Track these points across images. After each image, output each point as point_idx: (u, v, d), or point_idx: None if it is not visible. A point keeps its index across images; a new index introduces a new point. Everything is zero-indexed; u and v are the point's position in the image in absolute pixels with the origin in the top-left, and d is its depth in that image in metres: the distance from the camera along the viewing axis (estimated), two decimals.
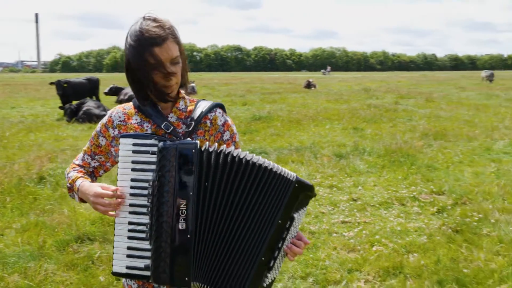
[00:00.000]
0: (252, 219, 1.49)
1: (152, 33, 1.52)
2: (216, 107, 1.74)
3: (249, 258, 1.49)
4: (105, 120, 1.73)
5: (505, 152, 8.45)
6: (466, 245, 4.14)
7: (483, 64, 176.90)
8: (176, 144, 1.45)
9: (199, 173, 1.45)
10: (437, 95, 21.94)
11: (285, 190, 1.50)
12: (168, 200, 1.43)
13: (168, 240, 1.43)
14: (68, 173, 1.75)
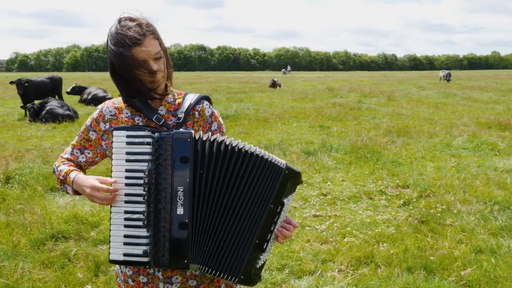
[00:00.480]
0: (246, 204, 1.57)
1: (130, 34, 1.56)
2: (203, 99, 1.82)
3: (244, 240, 1.58)
4: (96, 114, 1.76)
5: (464, 148, 8.87)
6: (431, 234, 4.37)
7: (440, 64, 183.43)
8: (172, 134, 1.52)
9: (194, 161, 1.52)
10: (398, 94, 22.64)
11: (276, 176, 1.60)
12: (166, 187, 1.49)
13: (167, 225, 1.49)
14: (58, 166, 1.78)
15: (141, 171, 1.57)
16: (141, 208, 1.58)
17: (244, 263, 1.58)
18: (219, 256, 1.57)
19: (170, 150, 1.50)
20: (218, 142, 1.55)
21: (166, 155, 1.50)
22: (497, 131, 10.54)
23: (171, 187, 1.50)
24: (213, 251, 1.56)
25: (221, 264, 1.57)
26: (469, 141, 9.37)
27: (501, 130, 10.72)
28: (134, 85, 1.63)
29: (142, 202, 1.57)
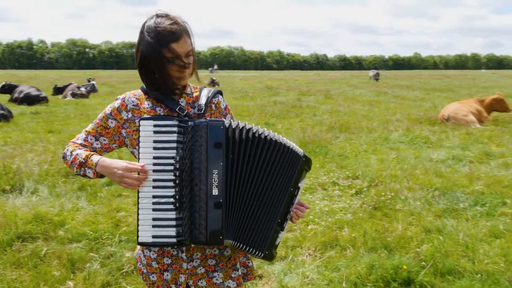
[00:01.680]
0: (271, 186, 1.76)
1: (169, 29, 1.71)
2: (218, 93, 1.99)
3: (269, 219, 1.77)
4: (118, 104, 1.87)
5: (400, 141, 9.57)
6: (385, 218, 4.79)
7: (368, 64, 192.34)
8: (207, 122, 1.67)
9: (226, 147, 1.69)
10: (334, 92, 23.62)
11: (296, 163, 1.81)
12: (202, 170, 1.65)
13: (203, 205, 1.64)
14: (72, 151, 1.84)
15: (170, 158, 1.71)
16: (169, 192, 1.71)
17: (269, 240, 1.78)
18: (248, 232, 1.74)
19: (205, 136, 1.66)
20: (246, 130, 1.73)
21: (202, 141, 1.65)
22: (427, 126, 11.43)
23: (206, 170, 1.65)
24: (243, 228, 1.73)
25: (250, 240, 1.74)
26: (405, 135, 10.12)
27: (431, 125, 11.64)
28: (162, 79, 1.76)
29: (171, 186, 1.71)
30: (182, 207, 1.68)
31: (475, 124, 11.52)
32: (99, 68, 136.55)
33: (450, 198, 5.47)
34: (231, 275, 1.93)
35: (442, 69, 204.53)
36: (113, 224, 4.60)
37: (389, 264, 3.58)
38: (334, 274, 3.62)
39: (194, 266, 1.86)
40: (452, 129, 10.73)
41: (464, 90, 27.38)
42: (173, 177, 1.71)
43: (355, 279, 3.49)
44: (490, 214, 4.95)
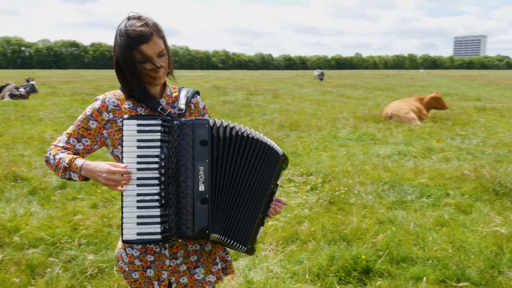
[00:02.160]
0: (254, 182, 1.84)
1: (138, 31, 1.73)
2: (196, 93, 2.05)
3: (252, 214, 1.85)
4: (98, 105, 1.87)
5: (349, 138, 9.95)
6: (341, 212, 5.01)
7: (311, 64, 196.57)
8: (193, 120, 1.73)
9: (211, 144, 1.75)
10: (282, 92, 24.03)
11: (276, 161, 1.90)
12: (189, 168, 1.70)
13: (191, 201, 1.69)
14: (55, 155, 1.83)
15: (154, 156, 1.75)
16: (154, 190, 1.75)
17: (251, 234, 1.86)
18: (233, 227, 1.81)
19: (191, 134, 1.71)
20: (230, 128, 1.80)
21: (188, 139, 1.70)
22: (373, 124, 11.95)
23: (193, 167, 1.70)
24: (229, 223, 1.80)
25: (235, 234, 1.81)
26: (352, 133, 10.53)
27: (376, 122, 12.18)
28: (134, 82, 1.79)
29: (155, 184, 1.75)
30: (169, 204, 1.72)
31: (416, 121, 12.18)
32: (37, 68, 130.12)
33: (399, 191, 5.80)
34: (211, 270, 1.99)
35: (382, 68, 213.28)
36: (71, 227, 4.48)
37: (349, 254, 3.76)
38: (297, 267, 3.76)
39: (177, 264, 1.90)
40: (396, 126, 11.28)
41: (403, 89, 28.74)
42: (157, 175, 1.75)
43: (318, 271, 3.65)
44: (435, 205, 5.31)
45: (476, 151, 8.42)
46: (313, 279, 3.58)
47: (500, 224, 4.62)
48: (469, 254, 3.91)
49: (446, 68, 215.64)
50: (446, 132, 10.48)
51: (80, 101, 17.72)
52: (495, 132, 10.79)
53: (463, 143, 9.21)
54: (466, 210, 5.12)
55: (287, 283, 3.52)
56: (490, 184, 5.82)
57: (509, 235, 4.34)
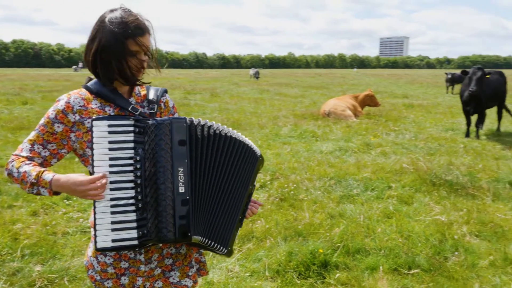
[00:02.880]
0: (233, 183, 1.80)
1: (136, 23, 1.69)
2: (165, 92, 1.98)
3: (232, 216, 1.81)
4: (62, 106, 1.74)
5: (290, 136, 10.12)
6: (292, 208, 5.08)
7: (246, 63, 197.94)
8: (171, 120, 1.66)
9: (190, 144, 1.69)
10: (219, 91, 23.96)
11: (254, 161, 1.88)
12: (168, 168, 1.63)
13: (171, 203, 1.63)
14: (19, 167, 1.68)
15: (127, 158, 1.66)
16: (129, 193, 1.67)
17: (231, 236, 1.82)
18: (214, 228, 1.75)
19: (169, 134, 1.64)
20: (208, 127, 1.75)
21: (166, 139, 1.63)
22: (312, 121, 12.26)
23: (172, 168, 1.64)
24: (210, 224, 1.74)
25: (216, 236, 1.76)
26: (294, 130, 10.72)
27: (315, 120, 12.50)
28: (122, 70, 1.70)
29: (130, 187, 1.66)
30: (146, 207, 1.64)
31: (352, 118, 12.66)
32: None
33: (345, 185, 5.99)
34: (187, 273, 1.93)
35: (314, 68, 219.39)
36: (11, 238, 4.17)
37: (306, 249, 3.83)
38: (256, 265, 3.76)
39: (152, 268, 1.83)
40: (334, 123, 11.65)
41: (336, 87, 29.76)
42: (132, 177, 1.66)
43: (277, 267, 3.67)
44: (380, 197, 5.54)
45: (409, 145, 8.90)
46: (273, 276, 3.60)
47: (440, 212, 4.92)
48: (416, 242, 4.13)
49: (373, 67, 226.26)
50: (381, 128, 10.98)
51: (5, 101, 16.53)
52: (424, 127, 11.48)
53: (397, 138, 9.70)
54: (408, 201, 5.39)
55: (247, 282, 3.51)
56: (427, 176, 6.18)
57: (448, 222, 4.64)
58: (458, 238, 4.23)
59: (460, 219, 4.74)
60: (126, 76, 1.73)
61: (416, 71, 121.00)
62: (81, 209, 5.05)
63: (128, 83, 1.77)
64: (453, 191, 5.66)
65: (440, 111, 15.09)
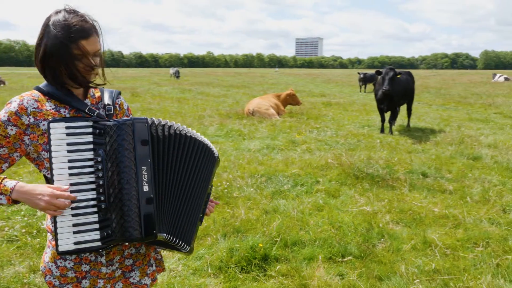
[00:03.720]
0: (194, 182, 1.84)
1: (79, 26, 1.65)
2: (119, 94, 1.97)
3: (193, 214, 1.85)
4: (15, 108, 1.67)
5: (217, 135, 10.20)
6: (228, 206, 5.17)
7: (164, 62, 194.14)
8: (132, 120, 1.67)
9: (152, 143, 1.71)
10: (140, 90, 23.35)
11: (213, 161, 1.94)
12: (132, 168, 1.64)
13: (136, 202, 1.64)
14: None
15: (87, 160, 1.65)
16: (90, 195, 1.66)
17: (194, 234, 1.87)
18: (178, 226, 1.78)
19: (132, 134, 1.65)
20: (168, 126, 1.78)
21: (129, 140, 1.64)
22: (237, 120, 12.43)
23: (135, 168, 1.65)
24: (173, 222, 1.77)
25: (180, 233, 1.79)
26: (220, 129, 10.82)
27: (240, 119, 12.69)
28: (71, 74, 1.68)
29: (90, 189, 1.66)
30: (110, 208, 1.64)
31: (275, 116, 13.04)
32: None
33: (275, 181, 6.20)
34: (146, 272, 1.95)
35: (233, 67, 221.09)
36: None
37: (247, 245, 3.94)
38: (198, 263, 3.80)
39: (113, 270, 1.83)
40: (259, 122, 11.92)
41: (257, 86, 30.33)
42: (93, 179, 1.66)
43: (219, 264, 3.75)
44: (309, 192, 5.82)
45: (331, 141, 9.39)
46: (216, 273, 3.67)
47: (365, 203, 5.29)
48: (346, 232, 4.42)
49: (290, 67, 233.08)
50: (304, 126, 11.44)
51: None
52: (343, 124, 12.14)
53: (320, 135, 10.17)
54: (335, 194, 5.72)
55: (191, 280, 3.55)
56: (350, 170, 6.59)
57: (373, 212, 5.01)
58: (383, 226, 4.60)
59: (383, 208, 5.14)
60: (76, 79, 1.71)
61: (330, 70, 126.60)
62: (3, 217, 4.73)
63: (81, 86, 1.74)
64: (374, 183, 6.10)
65: (355, 109, 16.03)
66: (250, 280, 3.55)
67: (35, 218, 4.72)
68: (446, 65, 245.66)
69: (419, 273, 3.62)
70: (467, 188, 5.95)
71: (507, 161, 7.53)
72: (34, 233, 4.31)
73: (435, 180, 6.32)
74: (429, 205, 5.27)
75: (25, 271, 3.58)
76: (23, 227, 4.43)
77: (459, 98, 20.49)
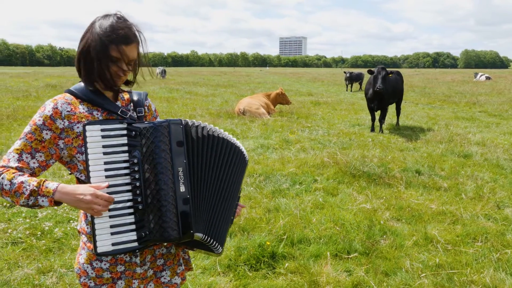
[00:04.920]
0: (228, 183, 1.87)
1: (123, 32, 1.70)
2: (147, 95, 2.01)
3: (227, 215, 1.88)
4: (49, 112, 1.69)
5: None
6: None
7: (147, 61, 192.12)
8: (168, 121, 1.70)
9: (187, 144, 1.75)
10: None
11: (244, 163, 1.97)
12: (169, 169, 1.67)
13: (173, 202, 1.67)
14: (12, 178, 1.59)
15: (122, 162, 1.68)
16: (126, 196, 1.69)
17: (226, 235, 1.91)
18: (212, 227, 1.81)
19: (168, 136, 1.69)
20: (201, 127, 1.81)
21: (166, 141, 1.68)
22: (228, 119, 12.45)
23: (172, 168, 1.69)
24: (208, 223, 1.79)
25: (216, 234, 1.82)
26: None
27: (231, 118, 12.72)
28: (102, 74, 1.71)
29: (126, 190, 1.69)
30: (147, 209, 1.67)
31: (266, 115, 13.10)
32: None
33: (273, 180, 6.26)
34: (176, 271, 1.99)
35: (217, 66, 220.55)
36: None
37: (254, 243, 3.99)
38: (206, 262, 3.84)
39: (145, 270, 1.86)
40: (250, 121, 11.96)
41: (243, 85, 30.34)
42: (128, 180, 1.69)
43: (228, 262, 3.79)
44: (308, 190, 5.90)
45: (324, 140, 9.49)
46: (225, 271, 3.71)
47: (364, 201, 5.39)
48: (349, 229, 4.50)
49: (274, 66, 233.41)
50: (296, 125, 11.53)
51: None
52: (334, 123, 12.27)
53: (312, 134, 10.27)
54: (334, 193, 5.81)
55: (200, 279, 3.58)
56: (347, 168, 6.69)
57: (373, 210, 5.11)
58: (384, 223, 4.70)
59: (382, 206, 5.24)
60: (105, 79, 1.74)
61: (315, 69, 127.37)
62: (4, 219, 4.69)
63: (106, 87, 1.77)
64: (371, 181, 6.21)
65: (344, 108, 16.19)
66: (260, 277, 3.61)
67: (37, 219, 4.70)
68: (428, 64, 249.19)
69: (424, 268, 3.72)
70: (461, 185, 6.10)
71: (496, 158, 7.73)
72: (39, 235, 4.29)
73: (430, 178, 6.46)
74: (426, 202, 5.39)
75: (34, 273, 3.57)
76: (26, 229, 4.40)
77: (444, 97, 20.84)
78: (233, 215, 1.96)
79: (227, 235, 1.94)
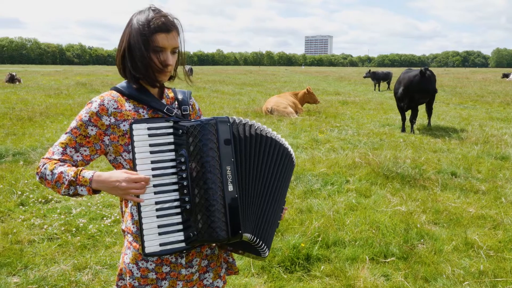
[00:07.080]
0: (276, 184, 1.81)
1: (160, 21, 1.66)
2: (190, 94, 1.97)
3: (274, 217, 1.82)
4: (96, 108, 1.68)
5: None
6: None
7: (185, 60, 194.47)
8: (215, 119, 1.65)
9: (234, 143, 1.70)
10: None
11: (292, 164, 1.90)
12: (217, 168, 1.62)
13: (222, 201, 1.63)
14: (53, 169, 1.61)
15: (169, 161, 1.64)
16: (173, 196, 1.65)
17: (272, 238, 1.84)
18: (260, 228, 1.75)
19: (215, 134, 1.64)
20: (249, 126, 1.75)
21: (214, 139, 1.63)
22: (256, 118, 12.40)
23: (220, 167, 1.64)
24: (256, 224, 1.74)
25: (263, 236, 1.76)
26: None
27: (259, 117, 12.67)
28: (145, 68, 1.68)
29: (173, 190, 1.65)
30: (195, 208, 1.63)
31: (293, 115, 13.01)
32: None
33: (305, 181, 6.17)
34: (219, 274, 1.94)
35: (242, 65, 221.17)
36: None
37: (289, 244, 3.92)
38: (240, 262, 3.79)
39: (192, 272, 1.82)
40: (278, 120, 11.89)
41: (270, 84, 30.27)
42: (175, 180, 1.65)
43: (261, 263, 3.73)
44: (340, 191, 5.79)
45: (354, 140, 9.34)
46: (259, 272, 3.66)
47: (399, 203, 5.25)
48: (385, 232, 4.38)
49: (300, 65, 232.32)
50: (324, 125, 11.40)
51: None
52: (363, 123, 12.07)
53: (341, 134, 10.12)
54: (367, 194, 5.68)
55: (234, 279, 3.54)
56: (379, 169, 6.54)
57: (408, 212, 4.97)
58: (421, 226, 4.56)
59: (417, 209, 5.09)
60: (148, 75, 1.70)
61: (341, 68, 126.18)
62: (40, 215, 4.76)
63: (150, 83, 1.74)
64: (405, 183, 6.05)
65: (372, 107, 15.93)
66: (295, 280, 3.54)
67: (72, 216, 4.75)
68: (457, 63, 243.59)
69: (466, 275, 3.58)
70: (500, 189, 5.88)
71: None
72: (74, 231, 4.34)
73: (466, 180, 6.26)
74: (464, 206, 5.22)
75: (70, 269, 3.59)
76: (61, 225, 4.46)
77: (476, 97, 20.28)
78: (279, 218, 1.90)
79: (273, 238, 1.87)
